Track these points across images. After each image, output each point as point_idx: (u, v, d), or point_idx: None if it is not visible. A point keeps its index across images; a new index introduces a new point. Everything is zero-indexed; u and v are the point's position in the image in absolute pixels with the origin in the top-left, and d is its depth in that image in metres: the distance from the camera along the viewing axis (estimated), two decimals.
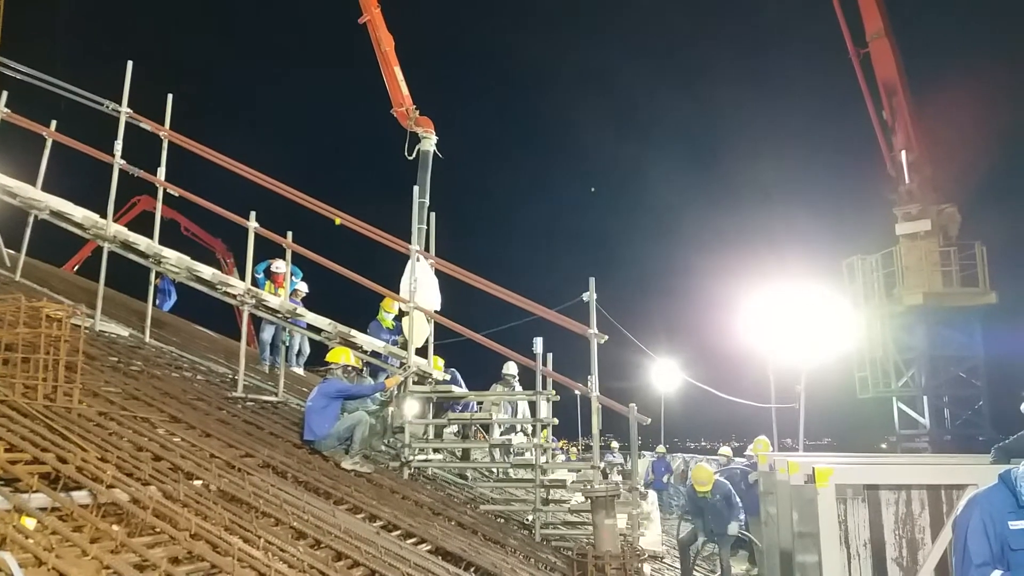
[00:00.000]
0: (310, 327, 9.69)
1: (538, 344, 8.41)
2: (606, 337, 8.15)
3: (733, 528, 10.37)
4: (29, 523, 3.91)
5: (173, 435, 6.22)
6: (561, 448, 25.65)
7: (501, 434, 10.31)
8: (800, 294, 18.49)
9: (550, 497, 8.74)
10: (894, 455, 16.97)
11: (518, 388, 10.95)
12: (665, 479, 21.80)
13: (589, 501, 7.51)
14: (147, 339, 9.63)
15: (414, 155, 12.39)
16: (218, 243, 30.90)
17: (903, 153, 21.10)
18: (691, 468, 23.13)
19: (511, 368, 10.87)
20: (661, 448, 24.14)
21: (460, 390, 9.80)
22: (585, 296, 8.28)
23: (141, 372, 8.04)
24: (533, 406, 10.32)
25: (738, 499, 10.68)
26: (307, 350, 12.74)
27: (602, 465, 8.46)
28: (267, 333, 12.21)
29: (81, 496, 4.46)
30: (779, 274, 19.76)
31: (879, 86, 20.96)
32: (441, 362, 9.84)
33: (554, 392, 8.60)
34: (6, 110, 10.25)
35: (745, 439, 25.03)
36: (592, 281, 8.20)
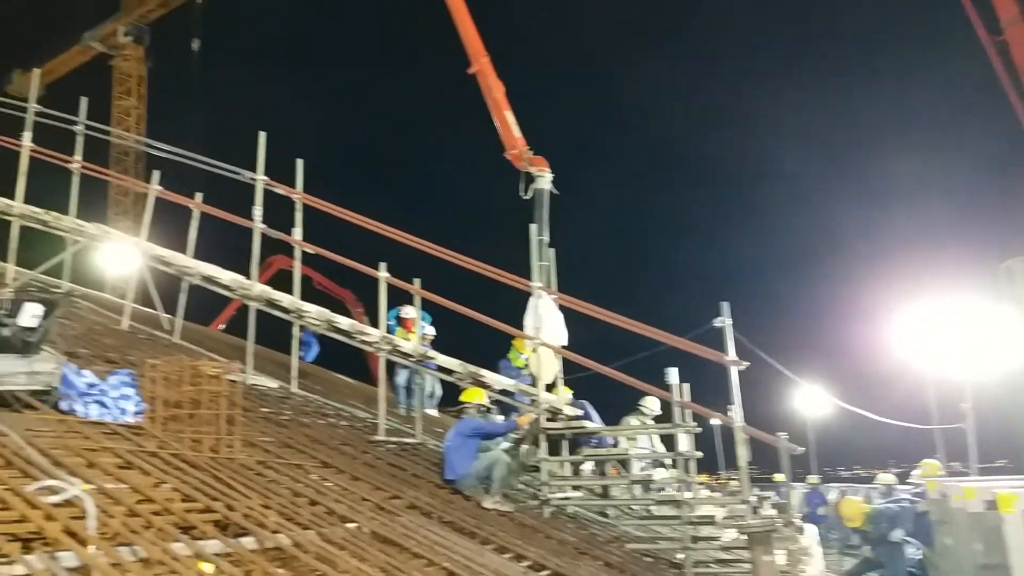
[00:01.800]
0: (441, 369, 10.03)
1: (672, 374, 8.32)
2: (746, 364, 7.99)
3: (897, 535, 9.74)
4: (207, 568, 4.27)
5: (325, 480, 6.60)
6: (706, 484, 24.82)
7: (641, 469, 10.20)
8: (955, 302, 17.28)
9: (699, 534, 8.55)
10: None
11: (649, 421, 10.81)
12: (820, 511, 20.72)
13: (743, 538, 7.31)
14: (293, 389, 10.27)
15: (530, 195, 12.64)
16: (347, 294, 32.47)
17: None
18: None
19: (650, 403, 10.75)
20: (814, 478, 23.02)
21: (593, 425, 9.81)
22: (718, 321, 8.16)
23: (290, 421, 8.60)
24: (664, 440, 10.20)
25: (905, 524, 10.04)
26: (439, 392, 13.12)
27: (753, 499, 8.23)
28: (401, 377, 12.67)
29: (248, 541, 4.81)
30: (929, 282, 18.59)
31: (1019, 75, 19.51)
32: (569, 394, 9.90)
33: (695, 424, 8.47)
34: (159, 188, 11.35)
35: (905, 465, 23.44)
36: (725, 305, 8.08)
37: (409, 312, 11.47)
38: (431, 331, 12.22)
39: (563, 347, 9.52)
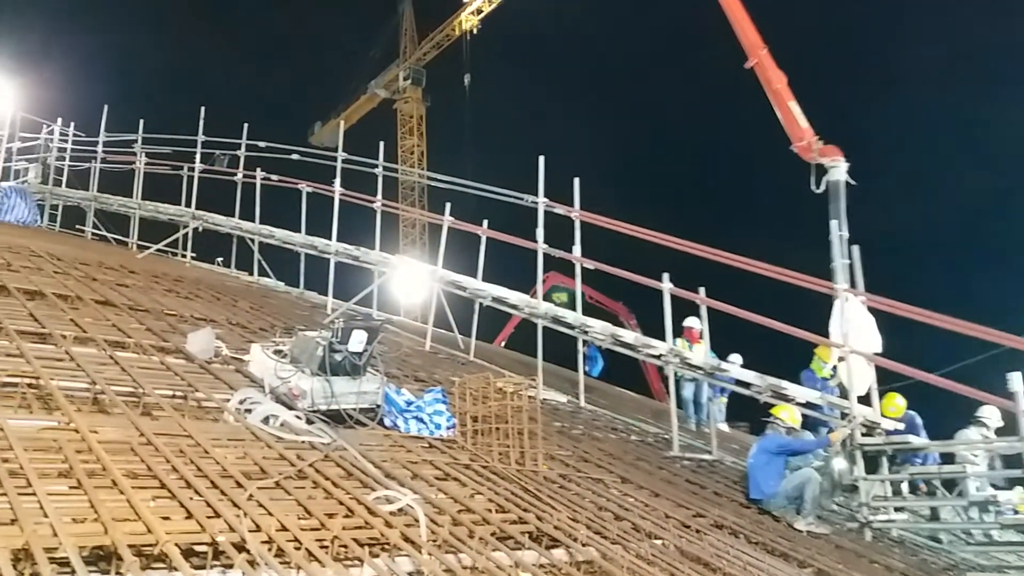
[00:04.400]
0: (737, 382, 9.75)
1: (1015, 380, 7.31)
2: None
3: None
4: None
5: (627, 495, 6.70)
6: None
7: (977, 489, 9.08)
8: None
9: None
10: None
11: (991, 434, 9.60)
12: None
13: None
14: (582, 404, 10.59)
15: (823, 188, 11.86)
16: (620, 307, 32.84)
17: None
18: None
19: (989, 413, 9.58)
20: None
21: (918, 440, 8.92)
22: None
23: (583, 435, 8.87)
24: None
25: None
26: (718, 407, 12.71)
27: None
28: (688, 391, 12.51)
29: (560, 553, 5.02)
30: None
31: None
32: (901, 400, 9.08)
33: None
34: (451, 219, 12.38)
35: None
36: None
37: (693, 323, 11.32)
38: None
39: (876, 354, 8.78)
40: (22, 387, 5.30)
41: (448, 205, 12.54)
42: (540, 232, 11.18)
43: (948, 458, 9.39)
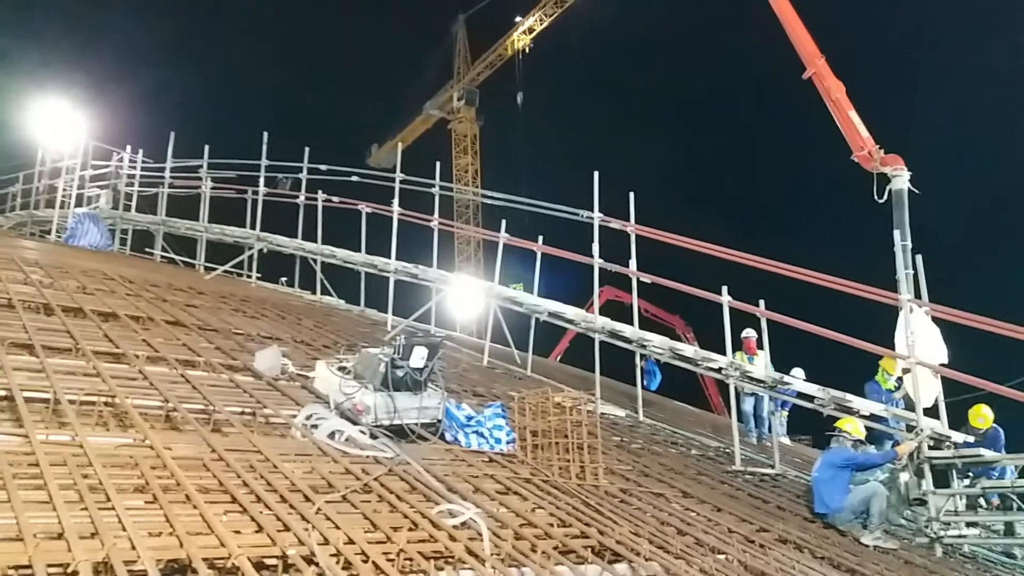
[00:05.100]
0: (800, 395, 9.56)
1: None
2: None
3: None
4: None
5: (689, 510, 6.62)
6: None
7: None
8: None
9: None
10: None
11: None
12: None
13: None
14: (640, 418, 10.49)
15: (885, 197, 11.60)
16: (676, 320, 32.49)
17: None
18: None
19: None
20: None
21: (988, 453, 8.61)
22: None
23: (642, 449, 8.80)
24: None
25: None
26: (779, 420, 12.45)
27: None
28: (748, 404, 12.29)
29: (622, 568, 4.96)
30: None
31: None
32: (988, 411, 8.75)
33: None
34: (506, 235, 12.46)
35: None
36: None
37: (750, 333, 11.14)
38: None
39: (942, 365, 8.52)
40: (99, 405, 5.50)
41: (503, 222, 12.66)
42: (595, 247, 11.18)
43: None
